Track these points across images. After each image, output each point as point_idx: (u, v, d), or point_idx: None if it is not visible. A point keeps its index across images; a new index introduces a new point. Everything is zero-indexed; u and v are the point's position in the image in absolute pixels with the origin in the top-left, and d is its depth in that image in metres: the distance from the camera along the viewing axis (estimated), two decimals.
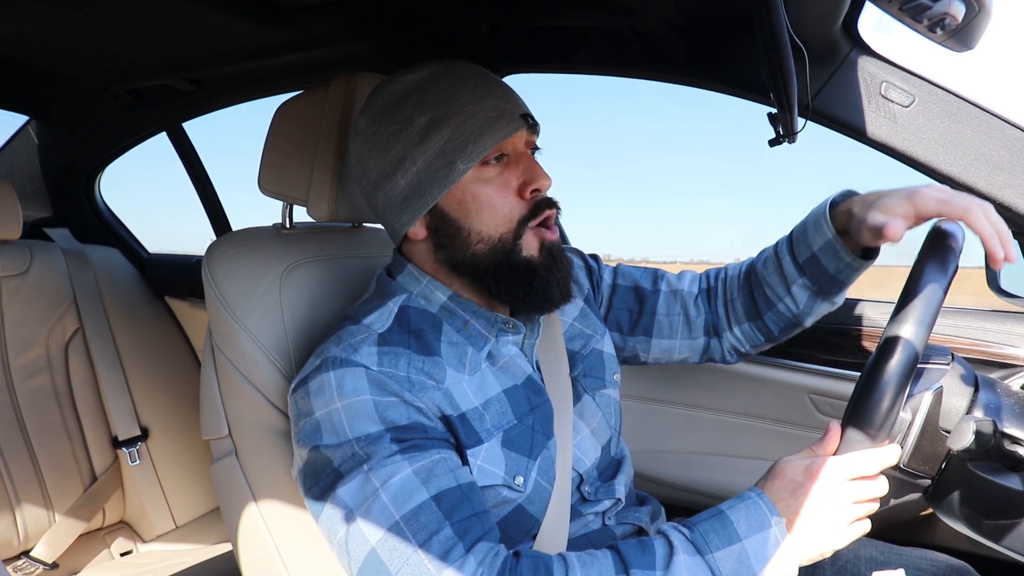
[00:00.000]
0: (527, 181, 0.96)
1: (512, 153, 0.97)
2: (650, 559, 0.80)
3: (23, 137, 2.32)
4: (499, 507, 0.93)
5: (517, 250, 0.96)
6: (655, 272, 1.25)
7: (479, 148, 0.93)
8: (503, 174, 0.96)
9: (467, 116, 0.93)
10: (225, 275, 1.12)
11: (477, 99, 0.94)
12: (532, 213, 0.96)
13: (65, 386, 1.99)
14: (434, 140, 0.93)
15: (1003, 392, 0.89)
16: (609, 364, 1.17)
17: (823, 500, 0.80)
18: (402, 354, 0.92)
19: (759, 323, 1.18)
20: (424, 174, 0.94)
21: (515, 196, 0.96)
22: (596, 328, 1.18)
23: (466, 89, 0.95)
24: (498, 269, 0.96)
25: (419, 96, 0.95)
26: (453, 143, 0.93)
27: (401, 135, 0.95)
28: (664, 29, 1.26)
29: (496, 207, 0.95)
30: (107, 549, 2.01)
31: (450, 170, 0.93)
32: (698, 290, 1.23)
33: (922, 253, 0.87)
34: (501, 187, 0.95)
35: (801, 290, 1.10)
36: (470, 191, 0.95)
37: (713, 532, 0.81)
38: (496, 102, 0.95)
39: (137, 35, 1.48)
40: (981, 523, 0.85)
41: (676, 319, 1.22)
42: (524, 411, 0.98)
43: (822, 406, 1.56)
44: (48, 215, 2.41)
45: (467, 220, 0.95)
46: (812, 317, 1.15)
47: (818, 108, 1.22)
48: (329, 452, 0.86)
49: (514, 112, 0.95)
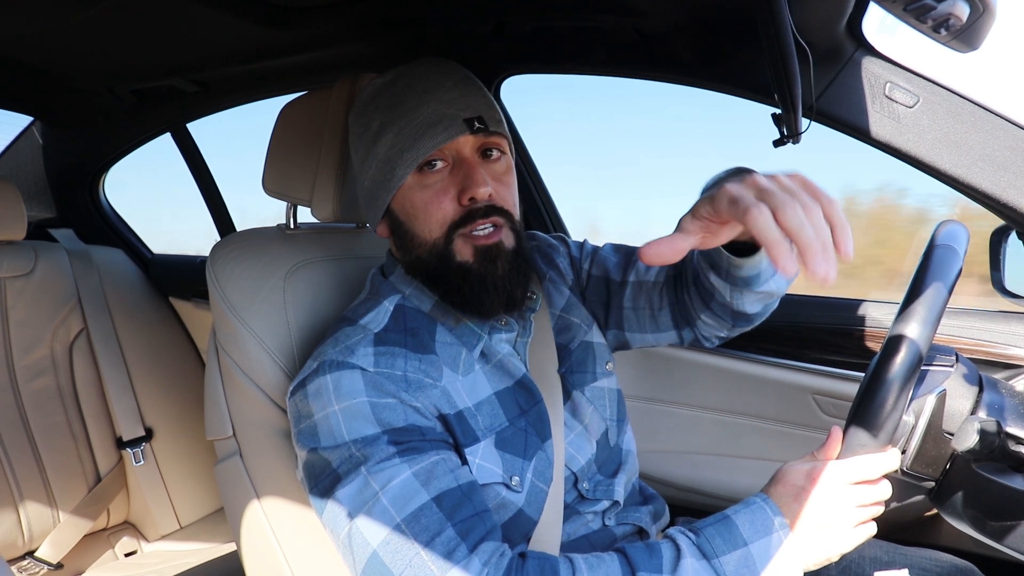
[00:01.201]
0: (463, 188, 0.94)
1: (455, 159, 0.96)
2: (657, 562, 0.80)
3: (27, 138, 2.32)
4: (499, 510, 0.93)
5: (450, 255, 0.95)
6: (627, 261, 1.18)
7: (414, 154, 0.93)
8: (445, 180, 0.96)
9: (407, 122, 0.94)
10: (229, 276, 1.12)
11: (419, 104, 0.94)
12: (463, 220, 0.95)
13: (69, 387, 1.99)
14: (381, 145, 0.96)
15: (1007, 392, 0.89)
16: (600, 354, 1.15)
17: (827, 504, 0.80)
18: (399, 353, 0.93)
19: (711, 313, 1.08)
20: (376, 177, 0.97)
21: (453, 202, 0.95)
22: (583, 318, 1.16)
23: (412, 94, 0.95)
24: (436, 273, 0.97)
25: (377, 100, 0.98)
26: (394, 149, 0.95)
27: (362, 138, 0.98)
28: (668, 30, 1.26)
29: (430, 213, 0.95)
30: (111, 549, 2.02)
31: (392, 175, 0.95)
32: (664, 278, 1.14)
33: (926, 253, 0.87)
34: (438, 193, 0.95)
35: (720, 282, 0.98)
36: (409, 197, 0.96)
37: (719, 537, 0.81)
38: (438, 106, 0.94)
39: (141, 36, 1.48)
40: (986, 524, 0.85)
41: (642, 313, 1.16)
42: (515, 414, 0.98)
43: (826, 406, 1.56)
44: (52, 216, 2.42)
45: (411, 224, 0.97)
46: (750, 309, 1.02)
47: (822, 109, 1.21)
48: (327, 454, 0.87)
49: (456, 116, 0.94)
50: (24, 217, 1.91)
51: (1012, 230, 1.24)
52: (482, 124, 0.96)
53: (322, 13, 1.33)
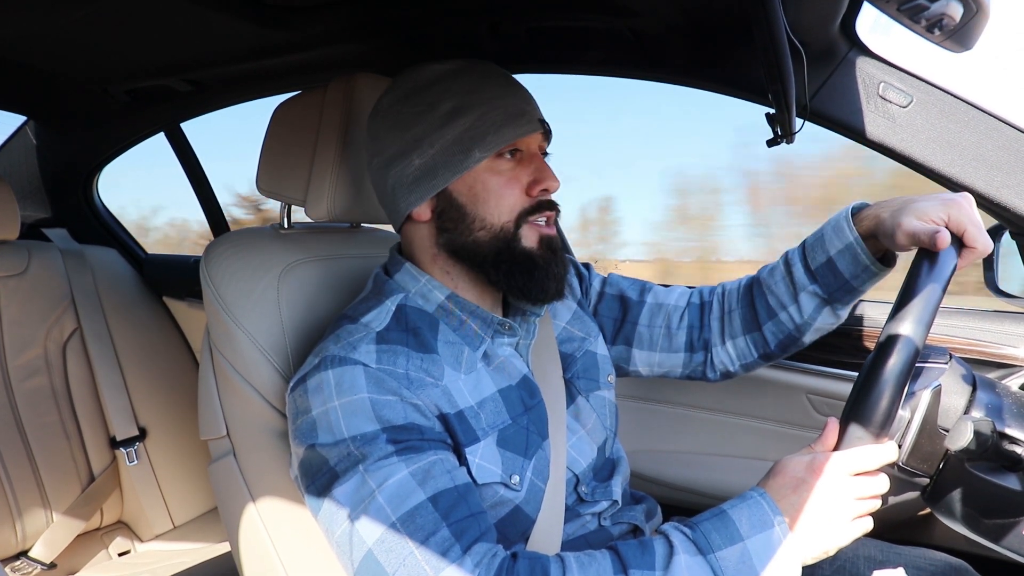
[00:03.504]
0: (537, 180, 0.99)
1: (526, 152, 1.01)
2: (649, 559, 0.80)
3: (21, 137, 2.31)
4: (496, 508, 0.93)
5: (517, 240, 0.98)
6: (643, 284, 1.27)
7: (498, 140, 0.96)
8: (514, 169, 0.99)
9: (490, 109, 0.97)
10: (223, 275, 1.12)
11: (502, 95, 0.98)
12: (534, 209, 0.99)
13: (63, 386, 1.98)
14: (455, 126, 0.96)
15: (1002, 392, 0.89)
16: (603, 366, 1.18)
17: (826, 496, 0.80)
18: (400, 352, 0.93)
19: (756, 335, 1.17)
20: (440, 157, 0.97)
21: (522, 191, 0.99)
22: (589, 330, 1.19)
23: (493, 84, 0.99)
24: (498, 257, 0.98)
25: (447, 84, 0.98)
26: (473, 131, 0.96)
27: (423, 117, 0.98)
28: (663, 30, 1.26)
29: (503, 197, 0.98)
30: (105, 549, 2.01)
31: (466, 156, 0.96)
32: (686, 304, 1.23)
33: (920, 252, 0.88)
34: (510, 180, 0.98)
35: (810, 298, 1.09)
36: (481, 179, 0.98)
37: (715, 532, 0.81)
38: (518, 102, 0.99)
39: (135, 36, 1.48)
40: (979, 523, 0.85)
41: (657, 331, 1.23)
42: (518, 411, 0.98)
43: (820, 406, 1.56)
44: (46, 215, 2.40)
45: (474, 206, 0.98)
46: (812, 332, 1.14)
47: (816, 108, 1.22)
48: (325, 451, 0.86)
49: (533, 115, 1.00)
50: (17, 217, 1.90)
51: (1006, 230, 1.24)
52: (548, 127, 1.03)
53: (316, 13, 1.33)
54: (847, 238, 1.03)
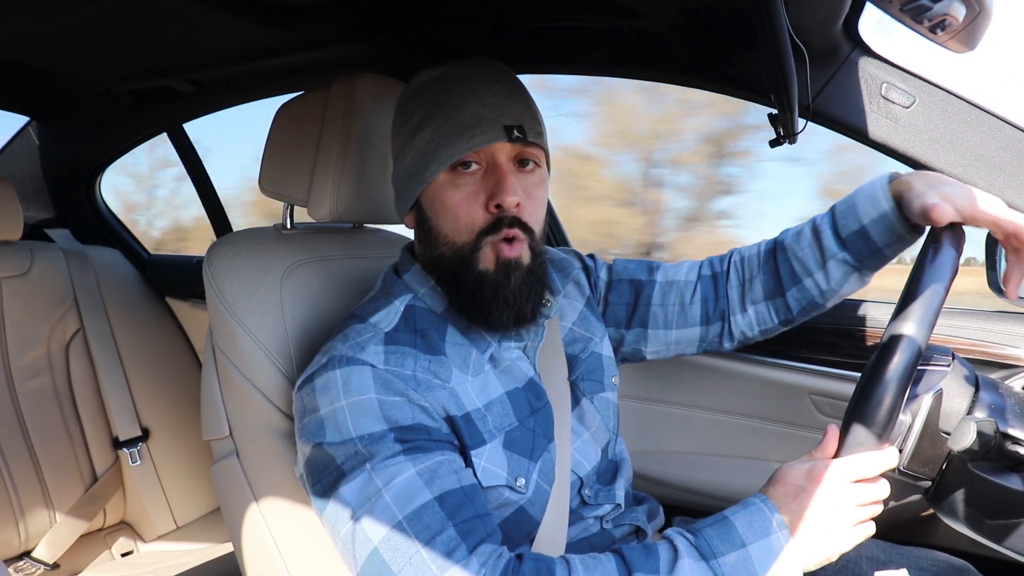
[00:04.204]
0: (492, 195, 0.93)
1: (489, 164, 0.95)
2: (654, 563, 0.80)
3: (24, 138, 2.32)
4: (501, 509, 0.93)
5: (474, 262, 0.95)
6: (650, 264, 1.24)
7: (449, 153, 0.93)
8: (476, 183, 0.95)
9: (446, 120, 0.94)
10: (226, 275, 1.12)
11: (462, 104, 0.94)
12: (492, 228, 0.94)
13: (66, 387, 1.99)
14: (420, 138, 0.96)
15: (1004, 392, 0.89)
16: (608, 367, 1.17)
17: (827, 503, 0.80)
18: (408, 353, 0.93)
19: (779, 301, 1.15)
20: (411, 168, 0.98)
21: (482, 208, 0.94)
22: (595, 331, 1.18)
23: (457, 92, 0.95)
24: (455, 276, 0.96)
25: (422, 94, 0.98)
26: (431, 144, 0.95)
27: (402, 128, 0.99)
28: (665, 30, 1.26)
29: (459, 215, 0.94)
30: (108, 550, 2.01)
31: (424, 170, 0.96)
32: (697, 277, 1.20)
33: (923, 252, 0.87)
34: (469, 196, 0.94)
35: (839, 265, 1.07)
36: (439, 194, 0.96)
37: (717, 538, 0.81)
38: (479, 109, 0.94)
39: (138, 36, 1.48)
40: (982, 523, 0.85)
41: (671, 309, 1.20)
42: (525, 413, 0.98)
43: (823, 406, 1.56)
44: (49, 216, 2.41)
45: (437, 221, 0.97)
46: (837, 297, 1.11)
47: (819, 109, 1.22)
48: (332, 450, 0.86)
49: (496, 122, 0.94)
50: (20, 217, 1.90)
51: None
52: (521, 133, 0.95)
53: (319, 13, 1.33)
54: (882, 207, 1.00)
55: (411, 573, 0.79)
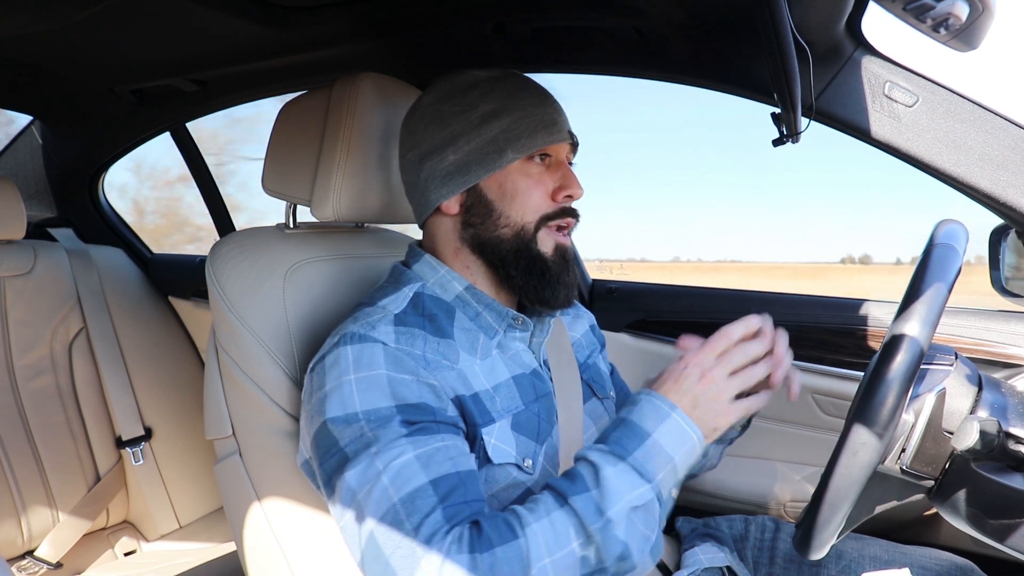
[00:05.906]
0: (563, 186, 1.04)
1: (554, 159, 1.06)
2: (581, 483, 0.84)
3: (27, 137, 2.32)
4: (509, 489, 0.95)
5: (535, 242, 1.04)
6: None
7: (531, 143, 1.02)
8: (542, 174, 1.05)
9: (526, 115, 1.03)
10: (229, 275, 1.12)
11: (538, 104, 1.05)
12: (556, 214, 1.04)
13: (69, 386, 1.99)
14: (492, 127, 1.02)
15: (1007, 392, 0.89)
16: (607, 382, 1.24)
17: (702, 378, 0.89)
18: (418, 335, 0.96)
19: None
20: (475, 154, 1.02)
21: (547, 195, 1.04)
22: (596, 347, 1.27)
23: (530, 93, 1.06)
24: (517, 255, 1.03)
25: (486, 88, 1.05)
26: (508, 133, 1.02)
27: (462, 116, 1.03)
28: (667, 29, 1.26)
29: (529, 198, 1.03)
30: (111, 549, 2.02)
31: (500, 155, 1.02)
32: None
33: (925, 252, 0.87)
34: (538, 183, 1.04)
35: None
36: (511, 178, 1.03)
37: (624, 438, 0.86)
38: (552, 112, 1.06)
39: (141, 36, 1.48)
40: (985, 523, 0.85)
41: None
42: (530, 399, 1.02)
43: (825, 406, 1.56)
44: (52, 215, 2.41)
45: (501, 203, 1.03)
46: None
47: (822, 108, 1.22)
48: (337, 430, 0.88)
49: (564, 125, 1.07)
50: (23, 216, 1.91)
51: (1011, 229, 1.24)
52: (575, 140, 1.09)
53: (322, 13, 1.33)
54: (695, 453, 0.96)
55: (400, 557, 0.80)
